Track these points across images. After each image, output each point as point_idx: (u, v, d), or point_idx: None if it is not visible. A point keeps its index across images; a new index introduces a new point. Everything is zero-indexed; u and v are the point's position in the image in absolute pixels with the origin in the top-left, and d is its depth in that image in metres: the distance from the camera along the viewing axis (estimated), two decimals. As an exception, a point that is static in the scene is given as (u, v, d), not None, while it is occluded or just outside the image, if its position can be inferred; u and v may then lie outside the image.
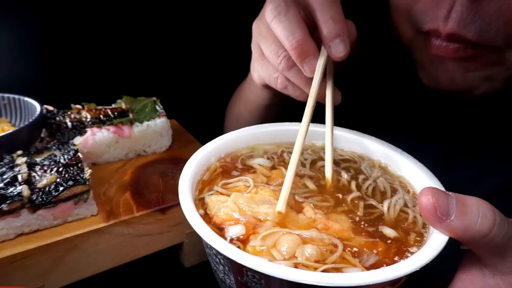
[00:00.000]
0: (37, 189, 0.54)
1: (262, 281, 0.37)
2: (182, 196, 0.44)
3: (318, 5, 0.50)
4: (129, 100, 0.76)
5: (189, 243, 0.65)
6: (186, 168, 0.49)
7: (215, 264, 0.43)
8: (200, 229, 0.39)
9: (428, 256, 0.37)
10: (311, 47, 0.50)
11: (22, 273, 0.51)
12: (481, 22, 0.47)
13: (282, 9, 0.51)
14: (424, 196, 0.36)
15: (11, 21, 0.89)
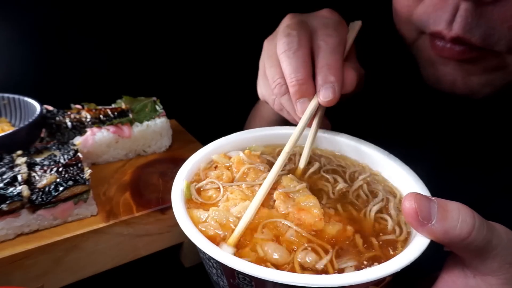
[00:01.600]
0: (37, 189, 0.54)
1: (252, 283, 0.39)
2: (175, 203, 0.45)
3: (321, 51, 0.53)
4: (129, 100, 0.76)
5: (189, 243, 0.64)
6: (178, 174, 0.50)
7: (209, 267, 0.45)
8: (193, 236, 0.41)
9: (409, 257, 0.38)
10: (309, 89, 0.53)
11: (22, 273, 0.51)
12: (485, 26, 0.48)
13: (293, 46, 0.53)
14: (407, 201, 0.38)
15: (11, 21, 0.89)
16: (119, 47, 1.02)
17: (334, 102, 0.51)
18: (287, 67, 0.53)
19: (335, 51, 0.53)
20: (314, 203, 0.46)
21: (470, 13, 0.48)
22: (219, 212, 0.45)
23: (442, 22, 0.50)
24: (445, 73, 0.56)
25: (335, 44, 0.53)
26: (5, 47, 0.90)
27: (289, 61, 0.53)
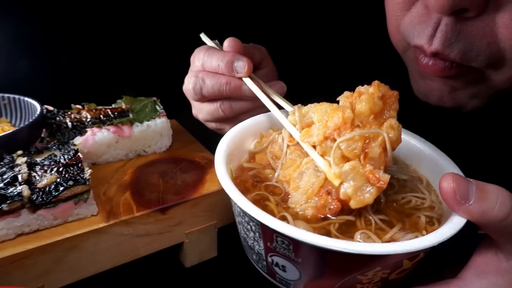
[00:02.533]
0: (37, 189, 0.54)
1: (290, 247, 0.40)
2: (218, 166, 0.46)
3: (207, 66, 0.64)
4: (129, 100, 0.76)
5: (189, 243, 0.65)
6: (224, 138, 0.52)
7: (246, 231, 0.45)
8: (236, 197, 0.42)
9: (446, 234, 0.39)
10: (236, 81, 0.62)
11: (22, 273, 0.51)
12: (465, 42, 0.48)
13: (199, 80, 0.64)
14: (445, 181, 0.39)
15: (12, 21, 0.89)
16: (119, 47, 1.02)
17: (250, 66, 0.60)
18: (214, 92, 0.63)
19: (212, 53, 0.64)
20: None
21: (450, 28, 0.48)
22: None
23: (424, 36, 0.51)
24: (432, 88, 0.56)
25: (208, 53, 0.64)
26: (5, 47, 0.90)
27: (208, 90, 0.63)
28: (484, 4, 0.45)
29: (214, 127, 0.72)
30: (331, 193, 0.43)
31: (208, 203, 0.64)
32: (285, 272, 0.43)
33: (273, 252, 0.42)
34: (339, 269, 0.40)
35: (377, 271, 0.40)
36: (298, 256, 0.40)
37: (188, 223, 0.63)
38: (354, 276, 0.40)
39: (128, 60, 1.04)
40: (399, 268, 0.41)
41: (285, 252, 0.41)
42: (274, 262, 0.43)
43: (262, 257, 0.45)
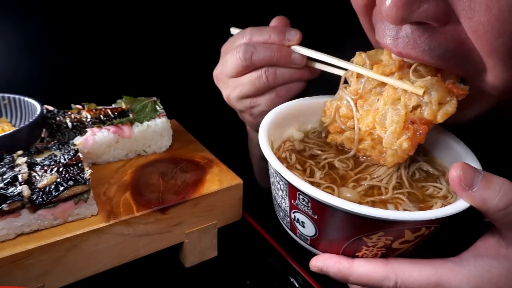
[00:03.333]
0: (37, 189, 0.54)
1: (309, 204, 0.46)
2: (261, 136, 0.52)
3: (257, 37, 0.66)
4: (129, 100, 0.76)
5: (189, 243, 0.65)
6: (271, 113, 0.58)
7: (276, 190, 0.51)
8: (271, 158, 0.48)
9: (446, 211, 0.42)
10: (287, 49, 0.65)
11: (22, 273, 0.51)
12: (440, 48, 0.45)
13: (250, 48, 0.64)
14: (454, 169, 0.42)
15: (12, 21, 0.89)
16: (119, 47, 1.02)
17: (301, 35, 0.64)
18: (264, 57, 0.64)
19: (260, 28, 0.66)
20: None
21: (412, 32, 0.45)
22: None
23: (387, 36, 0.48)
24: None
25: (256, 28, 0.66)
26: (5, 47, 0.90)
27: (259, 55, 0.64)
28: (444, 19, 0.43)
29: (248, 104, 0.71)
30: (415, 122, 0.49)
31: (208, 203, 0.64)
32: (304, 228, 0.49)
33: (296, 209, 0.48)
34: (347, 229, 0.45)
35: (381, 235, 0.44)
36: (315, 213, 0.46)
37: (188, 223, 0.63)
38: (360, 238, 0.44)
39: (128, 60, 1.04)
40: (401, 237, 0.44)
41: (305, 209, 0.46)
42: (296, 218, 0.49)
43: (287, 213, 0.51)
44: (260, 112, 0.71)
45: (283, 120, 0.59)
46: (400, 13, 0.42)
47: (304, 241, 0.51)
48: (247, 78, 0.67)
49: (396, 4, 0.42)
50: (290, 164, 0.55)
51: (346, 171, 0.54)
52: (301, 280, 0.65)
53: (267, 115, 0.58)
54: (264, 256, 0.69)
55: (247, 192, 0.68)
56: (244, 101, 0.71)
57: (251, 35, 0.66)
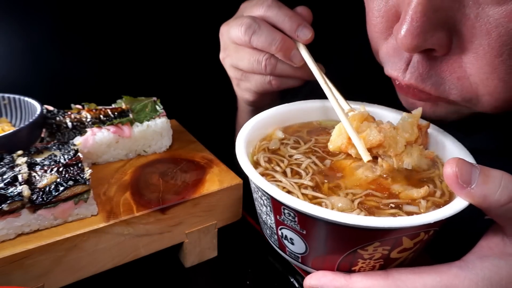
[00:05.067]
0: (37, 189, 0.54)
1: (296, 219, 0.43)
2: (239, 150, 0.50)
3: (271, 15, 0.62)
4: (129, 100, 0.76)
5: (189, 243, 0.65)
6: (243, 129, 0.55)
7: (260, 206, 0.49)
8: (250, 172, 0.46)
9: (444, 213, 0.39)
10: (291, 43, 0.62)
11: (22, 273, 0.51)
12: (436, 77, 0.50)
13: (255, 26, 0.61)
14: (449, 165, 0.40)
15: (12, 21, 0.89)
16: (119, 47, 1.02)
17: (313, 36, 0.61)
18: (265, 41, 0.61)
19: (281, 7, 0.62)
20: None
21: (422, 64, 0.50)
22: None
23: (397, 68, 0.53)
24: (413, 103, 0.58)
25: (276, 5, 0.63)
26: (5, 48, 0.90)
27: (262, 37, 0.61)
28: (449, 44, 0.47)
29: (239, 76, 0.69)
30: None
31: (208, 203, 0.64)
32: (293, 245, 0.46)
33: (282, 225, 0.45)
34: (340, 242, 0.42)
35: (377, 246, 0.41)
36: (303, 227, 0.43)
37: (188, 223, 0.63)
38: (355, 250, 0.41)
39: (128, 60, 1.04)
40: (399, 246, 0.41)
41: (292, 225, 0.44)
42: (284, 235, 0.46)
43: (274, 230, 0.48)
44: (247, 87, 0.70)
45: (262, 126, 0.58)
46: (415, 41, 0.46)
47: (295, 259, 0.48)
48: (247, 55, 0.65)
49: (412, 33, 0.45)
50: (267, 168, 0.52)
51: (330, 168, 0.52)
52: (301, 280, 0.65)
53: (247, 123, 0.56)
54: (264, 256, 0.69)
55: (247, 192, 0.68)
56: (236, 71, 0.69)
57: (268, 7, 0.63)
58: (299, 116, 0.62)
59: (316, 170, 0.51)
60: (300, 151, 0.55)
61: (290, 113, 0.62)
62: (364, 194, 0.47)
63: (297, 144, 0.57)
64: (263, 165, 0.53)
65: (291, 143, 0.57)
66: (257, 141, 0.57)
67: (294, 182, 0.48)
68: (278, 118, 0.60)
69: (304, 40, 0.61)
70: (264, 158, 0.54)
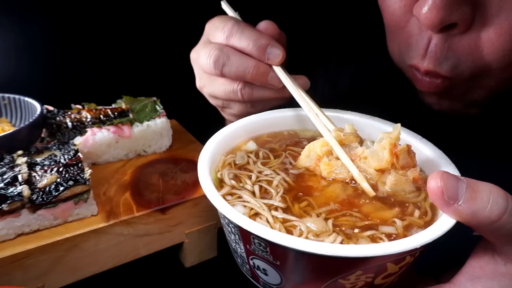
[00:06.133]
0: (37, 189, 0.54)
1: (267, 249, 0.39)
2: (201, 170, 0.45)
3: (235, 41, 0.57)
4: (129, 100, 0.76)
5: (189, 243, 0.65)
6: (208, 143, 0.51)
7: (229, 234, 0.45)
8: (214, 198, 0.41)
9: (431, 235, 0.36)
10: (265, 67, 0.57)
11: (22, 273, 0.51)
12: (453, 58, 0.50)
13: (223, 57, 0.57)
14: (433, 180, 0.36)
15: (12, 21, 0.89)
16: (119, 47, 1.02)
17: (284, 55, 0.56)
18: (236, 73, 0.57)
19: (243, 30, 0.57)
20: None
21: (440, 47, 0.50)
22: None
23: (417, 56, 0.52)
24: (431, 99, 0.58)
25: (238, 29, 0.57)
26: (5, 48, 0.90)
27: (230, 69, 0.57)
28: (472, 19, 0.47)
29: (220, 104, 0.66)
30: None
31: (208, 203, 0.63)
32: (267, 276, 0.42)
33: (253, 255, 0.42)
34: (317, 272, 0.39)
35: (359, 275, 0.38)
36: (276, 258, 0.39)
37: (188, 223, 0.63)
38: (335, 280, 0.38)
39: (128, 60, 1.04)
40: (383, 272, 0.38)
41: (264, 255, 0.40)
42: (256, 265, 0.43)
43: (245, 260, 0.44)
44: (230, 113, 0.67)
45: (231, 138, 0.54)
46: (440, 14, 0.45)
47: None
48: (221, 86, 0.61)
49: (437, 5, 0.44)
50: (234, 187, 0.47)
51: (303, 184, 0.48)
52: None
53: (213, 136, 0.52)
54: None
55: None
56: (216, 100, 0.66)
57: (230, 34, 0.57)
58: (270, 126, 0.59)
59: (286, 188, 0.47)
60: (270, 166, 0.51)
61: (260, 123, 0.58)
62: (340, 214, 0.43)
63: (267, 159, 0.53)
64: (229, 183, 0.48)
65: (260, 158, 0.53)
66: (221, 155, 0.53)
67: (263, 203, 0.44)
68: (248, 129, 0.57)
69: (275, 62, 0.56)
70: (229, 175, 0.49)
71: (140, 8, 1.02)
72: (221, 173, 0.49)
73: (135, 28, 1.02)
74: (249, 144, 0.55)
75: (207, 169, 0.46)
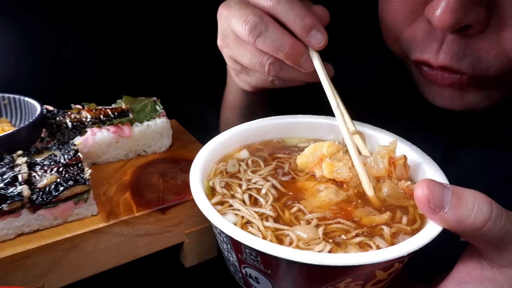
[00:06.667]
0: (37, 189, 0.54)
1: (258, 258, 0.40)
2: (193, 179, 0.46)
3: (281, 12, 0.53)
4: (129, 100, 0.76)
5: (189, 243, 0.65)
6: (201, 152, 0.51)
7: (221, 242, 0.46)
8: (205, 209, 0.42)
9: (418, 243, 0.37)
10: (301, 48, 0.54)
11: (22, 273, 0.51)
12: (472, 55, 0.48)
13: (261, 26, 0.53)
14: (419, 188, 0.37)
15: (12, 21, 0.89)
16: (119, 47, 1.02)
17: (326, 42, 0.53)
18: (272, 46, 0.53)
19: (293, 2, 0.53)
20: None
21: (456, 44, 0.48)
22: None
23: (429, 51, 0.51)
24: (441, 91, 0.55)
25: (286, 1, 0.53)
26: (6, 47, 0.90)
27: (270, 40, 0.53)
28: (487, 20, 0.46)
29: (239, 69, 0.62)
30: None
31: (208, 203, 0.64)
32: (259, 284, 0.43)
33: (245, 264, 0.42)
34: (308, 281, 0.39)
35: (349, 282, 0.38)
36: (267, 267, 0.40)
37: (188, 223, 0.63)
38: None
39: (128, 60, 1.04)
40: (373, 279, 0.39)
41: (255, 264, 0.41)
42: (248, 274, 0.44)
43: (237, 268, 0.45)
44: (246, 80, 0.64)
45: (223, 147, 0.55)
46: (454, 16, 0.44)
47: None
48: (249, 54, 0.57)
49: (451, 8, 0.44)
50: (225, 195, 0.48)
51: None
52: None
53: (205, 145, 0.52)
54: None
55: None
56: (236, 64, 0.62)
57: (278, 1, 0.53)
58: (260, 134, 0.59)
59: (276, 195, 0.48)
60: (261, 174, 0.52)
61: (251, 132, 0.58)
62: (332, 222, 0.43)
63: (257, 167, 0.54)
64: (220, 191, 0.48)
65: (250, 165, 0.54)
66: (214, 164, 0.53)
67: (254, 211, 0.45)
68: (241, 137, 0.57)
69: (316, 47, 0.54)
70: (221, 183, 0.49)
71: (140, 8, 1.02)
72: (213, 182, 0.50)
73: (135, 28, 1.02)
74: (241, 153, 0.56)
75: (198, 178, 0.47)
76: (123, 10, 0.99)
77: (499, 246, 0.37)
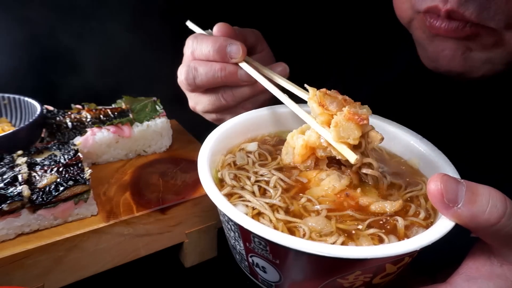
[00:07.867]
0: (37, 189, 0.54)
1: (267, 248, 0.39)
2: (201, 168, 0.45)
3: (198, 52, 0.60)
4: (129, 100, 0.76)
5: (189, 243, 0.65)
6: (206, 142, 0.51)
7: (228, 231, 0.45)
8: (214, 196, 0.41)
9: (430, 238, 0.37)
10: (231, 66, 0.59)
11: (22, 273, 0.51)
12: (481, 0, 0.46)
13: (192, 71, 0.60)
14: (433, 182, 0.37)
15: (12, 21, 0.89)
16: (119, 47, 1.02)
17: (245, 49, 0.58)
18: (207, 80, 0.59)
19: (203, 39, 0.60)
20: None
21: None
22: None
23: None
24: (444, 47, 0.54)
25: (196, 40, 0.61)
26: (5, 47, 0.90)
27: (202, 79, 0.60)
28: None
29: (215, 117, 0.68)
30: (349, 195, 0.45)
31: (208, 203, 0.63)
32: (266, 273, 0.43)
33: (252, 253, 0.42)
34: (317, 272, 0.39)
35: (358, 275, 0.38)
36: (276, 257, 0.40)
37: (188, 223, 0.63)
38: (334, 280, 0.39)
39: (128, 60, 1.04)
40: (382, 272, 0.39)
41: (263, 253, 0.40)
42: (255, 263, 0.43)
43: (244, 257, 0.44)
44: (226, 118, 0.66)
45: (228, 136, 0.54)
46: None
47: (268, 286, 0.45)
48: (206, 98, 0.63)
49: None
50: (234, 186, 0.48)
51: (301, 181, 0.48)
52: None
53: (211, 134, 0.52)
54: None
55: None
56: (210, 115, 0.68)
57: (193, 48, 0.61)
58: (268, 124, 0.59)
59: (283, 186, 0.48)
60: (268, 166, 0.51)
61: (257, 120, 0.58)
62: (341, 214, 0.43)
63: (264, 160, 0.53)
64: (229, 183, 0.48)
65: (257, 158, 0.53)
66: (221, 155, 0.53)
67: (265, 202, 0.44)
68: (245, 127, 0.57)
69: (238, 58, 0.58)
70: (230, 175, 0.49)
71: (140, 9, 1.02)
72: (221, 173, 0.50)
73: (135, 28, 1.02)
74: (250, 145, 0.55)
75: (207, 168, 0.46)
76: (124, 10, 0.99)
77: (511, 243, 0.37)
